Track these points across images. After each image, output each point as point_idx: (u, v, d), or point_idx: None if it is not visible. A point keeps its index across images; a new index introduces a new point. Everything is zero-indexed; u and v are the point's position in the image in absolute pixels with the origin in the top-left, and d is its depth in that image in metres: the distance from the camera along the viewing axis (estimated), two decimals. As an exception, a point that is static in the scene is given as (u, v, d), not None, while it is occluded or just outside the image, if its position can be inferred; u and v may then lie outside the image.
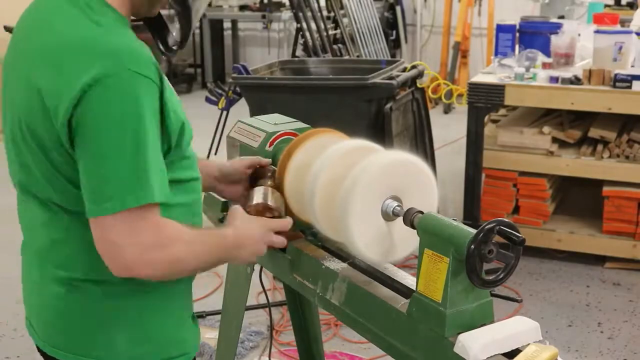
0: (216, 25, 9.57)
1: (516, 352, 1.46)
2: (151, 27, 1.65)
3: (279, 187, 1.88)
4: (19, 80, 1.47)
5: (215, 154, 4.75)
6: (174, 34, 1.65)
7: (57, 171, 1.45)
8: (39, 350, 1.63)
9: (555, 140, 4.38)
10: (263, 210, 1.76)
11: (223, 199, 2.10)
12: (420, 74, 4.61)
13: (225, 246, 1.59)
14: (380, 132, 4.03)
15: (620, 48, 4.20)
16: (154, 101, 1.40)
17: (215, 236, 1.60)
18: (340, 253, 1.87)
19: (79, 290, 1.53)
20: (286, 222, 1.74)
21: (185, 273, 1.55)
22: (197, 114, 6.01)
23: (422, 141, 4.63)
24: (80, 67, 1.36)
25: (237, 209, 1.69)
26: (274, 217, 1.76)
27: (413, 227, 1.61)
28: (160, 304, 1.59)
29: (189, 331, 1.70)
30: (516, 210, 4.48)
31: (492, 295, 1.57)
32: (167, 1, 1.58)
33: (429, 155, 4.64)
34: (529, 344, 1.48)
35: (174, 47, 1.67)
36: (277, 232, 1.71)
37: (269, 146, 2.03)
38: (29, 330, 1.67)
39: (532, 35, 4.82)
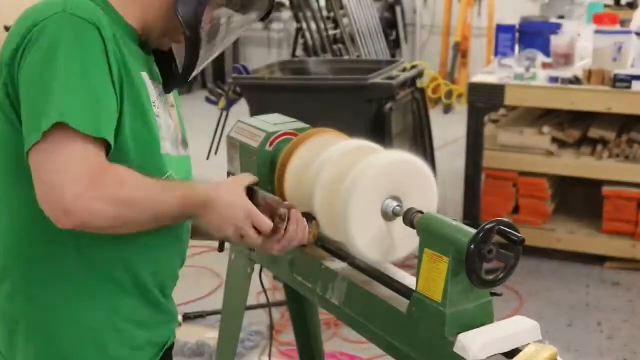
0: (216, 26, 9.54)
1: (516, 352, 1.46)
2: (158, 62, 1.59)
3: (279, 188, 1.89)
4: None
5: (216, 153, 4.75)
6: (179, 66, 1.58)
7: None
8: None
9: (555, 140, 4.38)
10: (276, 208, 1.58)
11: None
12: (420, 74, 4.61)
13: (192, 203, 1.43)
14: (380, 132, 4.03)
15: (620, 48, 4.20)
16: (89, 40, 1.36)
17: (183, 189, 1.43)
18: (340, 253, 1.87)
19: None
20: (269, 225, 1.52)
21: (139, 224, 1.38)
22: (197, 114, 6.02)
23: (422, 141, 4.63)
24: (28, 18, 1.39)
25: (235, 179, 1.58)
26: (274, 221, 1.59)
27: (413, 227, 1.61)
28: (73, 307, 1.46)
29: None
30: (516, 210, 4.48)
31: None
32: (181, 34, 1.51)
33: (429, 155, 4.64)
34: (528, 343, 1.48)
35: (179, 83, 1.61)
36: (256, 230, 1.51)
37: (269, 146, 2.03)
38: None
39: (532, 35, 4.83)
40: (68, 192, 1.27)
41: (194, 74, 1.56)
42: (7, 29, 6.42)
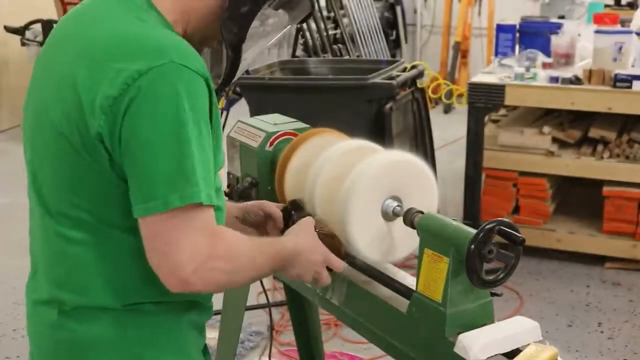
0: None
1: (516, 352, 1.46)
2: None
3: (279, 188, 1.88)
4: (54, 76, 1.39)
5: (215, 154, 4.74)
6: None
7: (80, 175, 1.36)
8: None
9: (555, 140, 4.38)
10: (332, 237, 1.64)
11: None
12: (421, 74, 4.60)
13: (282, 257, 1.49)
14: (380, 132, 4.02)
15: (621, 48, 4.20)
16: (201, 96, 1.31)
17: (274, 246, 1.50)
18: (340, 253, 1.87)
19: (72, 318, 1.42)
20: (341, 264, 1.61)
21: (239, 285, 1.47)
22: (197, 114, 6.01)
23: (422, 141, 4.62)
24: (121, 60, 1.29)
25: (308, 220, 1.61)
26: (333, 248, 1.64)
27: (413, 227, 1.61)
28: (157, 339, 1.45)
29: None
30: (516, 210, 4.48)
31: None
32: (216, 42, 1.51)
33: (429, 155, 4.64)
34: (529, 344, 1.48)
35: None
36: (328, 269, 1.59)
37: (269, 146, 2.03)
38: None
39: (532, 35, 4.82)
40: (188, 266, 1.28)
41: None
42: (6, 28, 6.41)
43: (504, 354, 1.47)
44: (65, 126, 1.34)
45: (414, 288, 1.59)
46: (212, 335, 3.41)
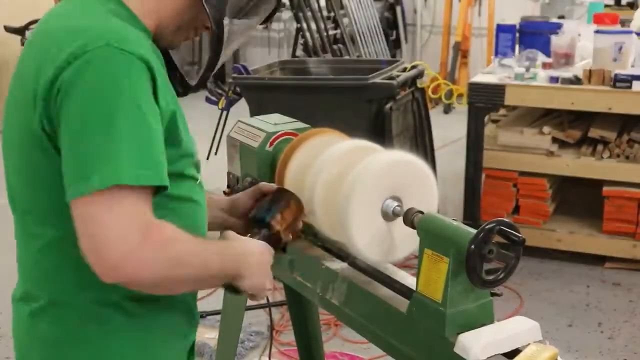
0: (216, 25, 9.53)
1: (516, 352, 1.46)
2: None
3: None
4: (17, 80, 1.41)
5: (216, 153, 4.75)
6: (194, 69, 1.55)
7: (35, 172, 1.36)
8: None
9: (555, 140, 4.38)
10: (298, 211, 1.62)
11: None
12: (421, 74, 4.61)
13: (232, 256, 1.42)
14: (380, 132, 4.02)
15: (621, 48, 4.19)
16: (140, 77, 1.28)
17: (221, 243, 1.44)
18: (340, 253, 1.87)
19: (44, 313, 1.41)
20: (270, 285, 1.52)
21: (184, 285, 1.36)
22: (197, 114, 6.01)
23: (422, 141, 4.62)
24: (61, 46, 1.29)
25: (230, 232, 1.51)
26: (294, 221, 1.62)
27: (413, 227, 1.61)
28: (138, 336, 1.41)
29: None
30: (516, 210, 4.48)
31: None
32: (193, 33, 1.49)
33: (429, 155, 4.64)
34: (529, 344, 1.48)
35: (190, 85, 1.58)
36: None
37: (269, 146, 2.03)
38: None
39: (532, 35, 4.82)
40: (118, 248, 1.23)
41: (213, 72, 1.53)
42: (6, 28, 6.41)
43: (504, 354, 1.47)
44: (19, 123, 1.35)
45: (414, 288, 1.59)
46: (212, 335, 3.42)
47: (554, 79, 4.23)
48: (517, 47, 4.82)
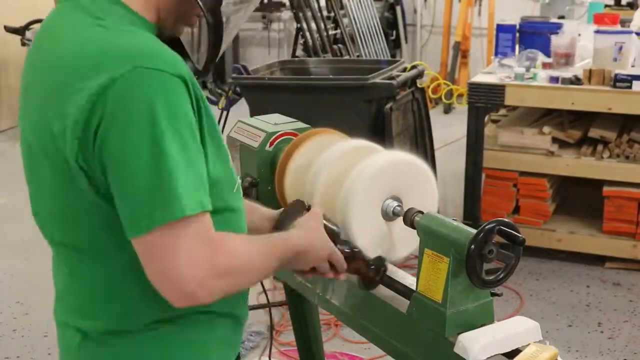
0: (216, 25, 9.53)
1: (516, 352, 1.46)
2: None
3: (279, 187, 1.88)
4: (33, 108, 1.36)
5: (216, 153, 4.74)
6: (200, 55, 1.49)
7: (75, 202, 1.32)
8: None
9: (555, 140, 4.38)
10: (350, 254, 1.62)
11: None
12: (421, 74, 4.60)
13: (288, 259, 1.45)
14: (380, 132, 4.02)
15: (621, 48, 4.19)
16: (178, 99, 1.23)
17: (280, 246, 1.44)
18: (340, 253, 1.87)
19: (95, 342, 1.39)
20: (344, 267, 1.57)
21: (245, 287, 1.42)
22: (197, 114, 6.00)
23: (422, 141, 4.62)
24: (83, 79, 1.22)
25: (314, 216, 1.55)
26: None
27: (413, 227, 1.61)
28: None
29: None
30: (516, 210, 4.48)
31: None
32: (195, 19, 1.43)
33: (429, 155, 4.64)
34: (529, 344, 1.48)
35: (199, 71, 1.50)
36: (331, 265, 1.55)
37: (269, 146, 2.03)
38: None
39: (532, 35, 4.82)
40: (192, 279, 1.24)
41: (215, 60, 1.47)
42: (6, 28, 6.41)
43: (504, 354, 1.47)
44: (51, 157, 1.30)
45: (414, 288, 1.59)
46: (212, 335, 3.42)
47: (554, 79, 4.23)
48: (517, 47, 4.82)
